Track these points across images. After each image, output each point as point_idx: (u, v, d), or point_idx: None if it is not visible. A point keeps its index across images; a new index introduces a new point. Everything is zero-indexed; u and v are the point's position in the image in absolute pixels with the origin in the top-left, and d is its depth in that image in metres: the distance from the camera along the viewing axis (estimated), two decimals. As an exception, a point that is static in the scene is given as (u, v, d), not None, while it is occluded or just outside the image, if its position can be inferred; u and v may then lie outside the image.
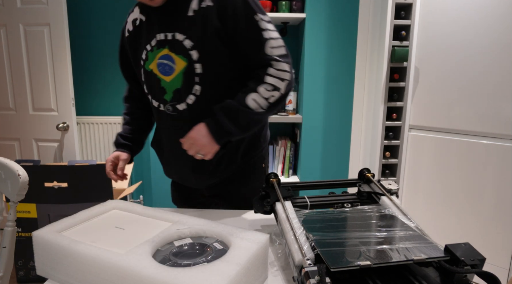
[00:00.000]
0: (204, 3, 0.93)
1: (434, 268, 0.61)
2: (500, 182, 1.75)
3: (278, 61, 0.92)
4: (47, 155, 2.36)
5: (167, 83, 0.99)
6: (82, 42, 2.52)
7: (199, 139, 0.92)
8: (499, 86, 1.72)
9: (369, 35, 2.23)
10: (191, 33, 0.93)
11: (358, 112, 2.35)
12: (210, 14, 0.92)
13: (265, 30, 0.92)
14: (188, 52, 0.94)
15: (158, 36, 0.97)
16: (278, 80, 0.92)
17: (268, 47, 0.92)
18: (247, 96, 0.91)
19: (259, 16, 0.92)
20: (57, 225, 0.73)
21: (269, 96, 0.92)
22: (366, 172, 0.96)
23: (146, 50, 1.00)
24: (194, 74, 0.96)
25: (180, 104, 1.00)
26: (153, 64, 0.99)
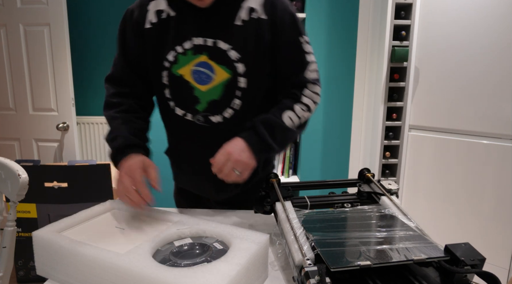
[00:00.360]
0: (255, 14, 0.87)
1: (434, 268, 0.61)
2: (500, 182, 1.75)
3: (314, 84, 0.93)
4: (47, 155, 2.36)
5: (202, 93, 0.92)
6: (82, 42, 2.52)
7: (237, 154, 0.82)
8: (499, 86, 1.72)
9: (369, 35, 2.23)
10: (238, 44, 0.87)
11: (358, 112, 2.35)
12: (262, 28, 0.87)
13: (308, 53, 0.92)
14: (233, 64, 0.88)
15: (196, 40, 0.88)
16: (311, 102, 0.92)
17: (308, 70, 0.92)
18: (283, 112, 0.89)
19: (304, 38, 0.91)
20: (57, 225, 0.73)
21: (302, 115, 0.90)
22: (366, 172, 0.96)
23: (175, 51, 0.90)
24: (237, 88, 0.91)
25: (214, 116, 0.94)
26: (185, 70, 0.91)
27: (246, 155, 0.83)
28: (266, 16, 0.87)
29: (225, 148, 0.83)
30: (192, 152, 1.01)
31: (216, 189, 1.01)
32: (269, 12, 0.87)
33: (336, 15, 2.25)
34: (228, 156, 0.82)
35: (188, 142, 1.00)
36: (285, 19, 0.88)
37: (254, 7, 0.87)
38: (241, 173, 0.83)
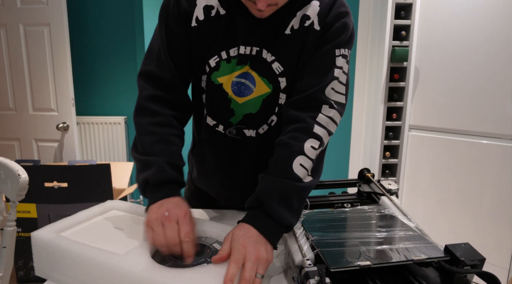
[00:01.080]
0: (308, 22, 0.76)
1: (434, 268, 0.61)
2: (500, 182, 1.75)
3: (332, 107, 0.75)
4: (47, 155, 2.36)
5: (238, 105, 0.83)
6: (82, 42, 2.52)
7: (254, 249, 0.61)
8: (499, 86, 1.72)
9: (369, 35, 2.23)
10: (284, 55, 0.78)
11: (358, 112, 2.35)
12: (311, 39, 0.76)
13: (339, 68, 0.76)
14: (277, 79, 0.79)
15: (243, 49, 0.78)
16: (325, 132, 0.75)
17: (329, 86, 0.75)
18: (294, 161, 0.70)
19: (343, 51, 0.77)
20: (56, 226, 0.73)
21: (315, 156, 0.73)
22: (366, 172, 0.96)
23: (219, 57, 0.79)
24: (276, 104, 0.82)
25: (248, 130, 0.85)
26: (226, 80, 0.81)
27: (261, 247, 0.63)
28: (320, 27, 0.76)
29: (238, 242, 0.62)
30: (217, 160, 0.93)
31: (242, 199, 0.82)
32: (323, 23, 0.76)
33: (336, 15, 2.25)
34: (245, 254, 0.61)
35: (215, 150, 0.92)
36: (334, 26, 0.76)
37: (309, 14, 0.76)
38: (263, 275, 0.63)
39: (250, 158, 0.89)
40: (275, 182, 0.69)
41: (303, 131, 0.74)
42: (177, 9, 0.78)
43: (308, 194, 0.75)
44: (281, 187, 0.68)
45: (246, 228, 0.65)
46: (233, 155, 0.90)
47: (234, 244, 0.62)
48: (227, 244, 0.63)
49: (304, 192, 0.71)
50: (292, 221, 0.68)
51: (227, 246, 0.63)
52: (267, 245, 0.64)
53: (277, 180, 0.69)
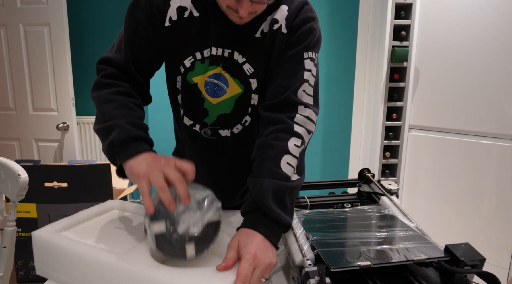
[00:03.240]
0: (276, 26, 0.80)
1: (434, 268, 0.61)
2: (500, 182, 1.75)
3: (307, 107, 0.79)
4: (47, 155, 2.36)
5: (211, 105, 0.86)
6: (82, 42, 2.52)
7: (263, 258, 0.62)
8: (499, 86, 1.72)
9: (369, 35, 2.23)
10: (254, 57, 0.81)
11: (358, 112, 2.35)
12: (279, 42, 0.80)
13: (308, 70, 0.80)
14: (248, 80, 0.83)
15: (214, 50, 0.81)
16: (304, 130, 0.77)
17: (301, 89, 0.79)
18: (280, 161, 0.72)
19: (311, 54, 0.81)
20: (56, 225, 0.73)
21: (299, 153, 0.75)
22: (366, 172, 0.96)
23: (194, 57, 0.82)
24: (249, 104, 0.85)
25: (224, 130, 0.89)
26: (200, 79, 0.84)
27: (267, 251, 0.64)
28: (287, 30, 0.80)
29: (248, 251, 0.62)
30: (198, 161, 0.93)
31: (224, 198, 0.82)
32: (290, 26, 0.80)
33: (336, 15, 2.25)
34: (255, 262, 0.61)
35: (194, 151, 0.95)
36: (300, 30, 0.80)
37: (278, 18, 0.80)
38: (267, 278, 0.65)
39: (227, 158, 0.92)
40: (268, 184, 0.69)
41: (284, 131, 0.76)
42: (149, 5, 0.79)
43: (297, 193, 0.76)
44: (274, 188, 0.69)
45: (251, 234, 0.65)
46: (210, 155, 0.93)
47: (244, 253, 0.61)
48: (232, 252, 0.62)
49: (294, 191, 0.72)
50: (290, 220, 0.69)
51: (233, 255, 0.62)
52: (273, 249, 0.65)
53: (269, 181, 0.69)
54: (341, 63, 2.31)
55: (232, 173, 0.96)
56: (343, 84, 2.33)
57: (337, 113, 2.37)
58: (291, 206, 0.71)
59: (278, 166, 0.71)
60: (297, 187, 0.73)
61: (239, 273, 0.58)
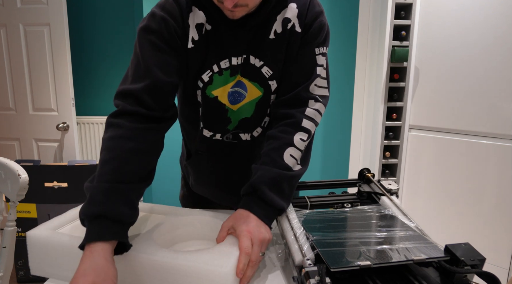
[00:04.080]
0: (289, 25, 0.79)
1: (434, 268, 0.61)
2: (500, 182, 1.75)
3: (317, 100, 0.82)
4: (47, 155, 2.36)
5: (233, 112, 0.86)
6: (82, 42, 2.52)
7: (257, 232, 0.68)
8: (499, 86, 1.72)
9: (369, 35, 2.23)
10: (271, 59, 0.81)
11: (358, 112, 2.35)
12: (294, 41, 0.80)
13: (320, 65, 0.83)
14: (267, 82, 0.83)
15: (234, 60, 0.80)
16: (312, 124, 0.80)
17: (313, 84, 0.82)
18: (284, 151, 0.76)
19: (322, 49, 0.83)
20: (50, 224, 0.73)
21: (304, 146, 0.79)
22: (366, 172, 0.96)
23: (211, 71, 0.80)
24: (268, 106, 0.86)
25: (244, 134, 0.89)
26: (220, 92, 0.83)
27: (261, 229, 0.69)
28: (301, 28, 0.80)
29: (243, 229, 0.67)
30: (214, 166, 0.96)
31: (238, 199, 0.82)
32: (303, 25, 0.80)
33: (336, 15, 2.25)
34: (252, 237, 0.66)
35: (211, 157, 0.95)
36: (313, 27, 0.80)
37: (290, 17, 0.80)
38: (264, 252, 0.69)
39: (245, 160, 0.92)
40: (268, 171, 0.74)
41: (292, 126, 0.80)
42: (163, 28, 0.74)
43: (298, 180, 0.81)
44: (272, 175, 0.74)
45: (245, 214, 0.71)
46: (229, 159, 0.93)
47: (240, 231, 0.67)
48: (224, 231, 0.70)
49: (294, 179, 0.77)
50: (284, 204, 0.74)
51: (224, 233, 0.69)
52: (265, 227, 0.71)
53: (269, 169, 0.74)
54: (341, 63, 2.31)
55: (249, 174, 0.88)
56: (343, 84, 2.33)
57: (337, 113, 2.37)
58: (290, 192, 0.76)
59: (281, 156, 0.76)
60: (297, 175, 0.78)
61: (240, 248, 0.64)
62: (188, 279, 0.58)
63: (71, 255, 0.65)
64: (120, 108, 0.71)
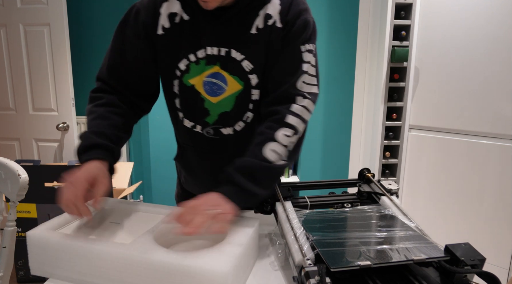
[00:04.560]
0: (271, 21, 0.81)
1: (434, 268, 0.61)
2: (500, 182, 1.75)
3: (305, 97, 0.81)
4: (47, 155, 2.36)
5: (212, 105, 0.87)
6: (82, 42, 2.52)
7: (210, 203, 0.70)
8: (499, 86, 1.72)
9: (369, 35, 2.23)
10: (252, 53, 0.82)
11: (358, 112, 2.35)
12: (275, 36, 0.81)
13: (307, 62, 0.82)
14: (247, 76, 0.84)
15: (210, 49, 0.82)
16: (299, 121, 0.80)
17: (300, 80, 0.81)
18: (265, 146, 0.76)
19: (306, 46, 0.82)
20: (49, 224, 0.73)
21: (289, 142, 0.79)
22: (366, 172, 0.96)
23: (188, 60, 0.84)
24: (250, 100, 0.87)
25: (226, 128, 0.90)
26: (197, 80, 0.85)
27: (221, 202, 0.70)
28: (282, 24, 0.81)
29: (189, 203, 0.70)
30: (201, 162, 0.98)
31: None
32: (285, 20, 0.81)
33: (336, 15, 2.25)
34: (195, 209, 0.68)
35: (197, 153, 0.96)
36: (296, 24, 0.81)
37: (271, 13, 0.81)
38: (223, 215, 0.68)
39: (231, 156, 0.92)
40: (244, 161, 0.76)
41: (277, 121, 0.79)
42: (135, 20, 0.84)
43: (281, 174, 0.81)
44: (248, 163, 0.75)
45: (211, 194, 0.72)
46: (215, 155, 0.94)
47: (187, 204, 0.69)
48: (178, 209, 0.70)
49: (273, 171, 0.77)
50: (257, 191, 0.74)
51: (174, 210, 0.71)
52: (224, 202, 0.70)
53: (246, 159, 0.76)
54: (341, 63, 2.31)
55: None
56: (343, 84, 2.33)
57: (337, 113, 2.37)
58: (268, 182, 0.78)
59: (260, 150, 0.76)
60: (278, 168, 0.77)
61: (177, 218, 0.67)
62: (187, 279, 0.58)
63: (71, 255, 0.65)
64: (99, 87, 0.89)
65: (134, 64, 0.86)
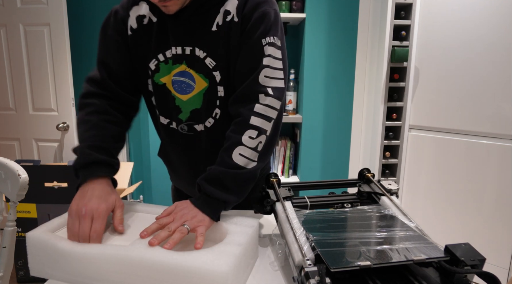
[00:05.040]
0: (229, 17, 0.82)
1: (434, 268, 0.61)
2: (500, 182, 1.75)
3: (268, 95, 0.80)
4: (47, 155, 2.36)
5: (183, 102, 0.90)
6: (82, 42, 2.52)
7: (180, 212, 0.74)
8: (499, 86, 1.72)
9: (369, 35, 2.23)
10: (214, 50, 0.84)
11: (358, 112, 2.35)
12: (233, 31, 0.82)
13: (268, 56, 0.80)
14: (211, 73, 0.85)
15: (174, 49, 0.85)
16: (263, 121, 0.79)
17: (262, 75, 0.80)
18: (233, 152, 0.78)
19: (269, 39, 0.80)
20: (49, 225, 0.72)
21: (256, 144, 0.79)
22: (366, 172, 0.96)
23: (157, 60, 0.87)
24: (216, 97, 0.88)
25: (198, 124, 0.92)
26: (167, 79, 0.88)
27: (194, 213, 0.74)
28: (238, 18, 0.81)
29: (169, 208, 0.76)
30: (180, 157, 1.00)
31: None
32: (241, 14, 0.81)
33: (336, 15, 2.25)
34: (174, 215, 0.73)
35: (175, 148, 0.99)
36: (253, 18, 0.80)
37: (229, 9, 0.82)
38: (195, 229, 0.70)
39: (205, 151, 0.95)
40: (213, 170, 0.78)
41: (240, 124, 0.80)
42: (114, 20, 0.89)
43: (254, 176, 0.81)
44: (216, 172, 0.77)
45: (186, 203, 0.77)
46: (190, 151, 0.97)
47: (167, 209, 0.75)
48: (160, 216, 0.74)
49: (243, 176, 0.78)
50: (228, 198, 0.77)
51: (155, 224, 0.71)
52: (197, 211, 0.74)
53: (215, 168, 0.78)
54: (341, 63, 2.31)
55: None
56: (343, 84, 2.33)
57: (337, 113, 2.37)
58: (238, 188, 0.79)
59: (230, 156, 0.78)
60: (248, 173, 0.79)
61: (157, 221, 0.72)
62: (187, 279, 0.58)
63: (71, 257, 0.65)
64: (88, 91, 0.88)
65: (120, 58, 0.89)
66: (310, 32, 2.25)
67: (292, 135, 2.64)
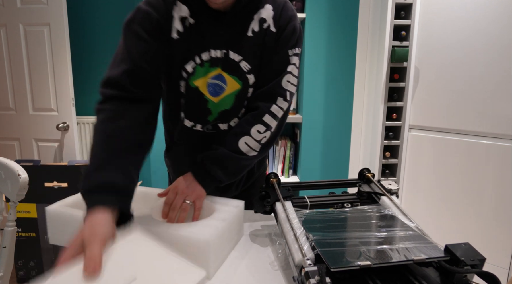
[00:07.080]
0: (265, 25, 0.88)
1: (434, 268, 0.61)
2: (500, 182, 1.75)
3: (285, 99, 0.90)
4: (47, 155, 2.36)
5: (214, 104, 0.93)
6: (82, 42, 2.52)
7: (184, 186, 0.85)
8: (499, 86, 1.72)
9: (369, 35, 2.23)
10: (249, 55, 0.89)
11: (358, 112, 2.35)
12: (270, 40, 0.88)
13: (292, 64, 0.90)
14: (245, 75, 0.90)
15: (213, 52, 0.87)
16: (273, 120, 0.90)
17: (285, 80, 0.90)
18: (240, 138, 0.88)
19: (293, 51, 0.90)
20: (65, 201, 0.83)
21: (261, 138, 0.89)
22: (366, 172, 0.96)
23: (194, 62, 0.87)
24: (246, 98, 0.93)
25: (223, 124, 0.96)
26: (201, 82, 0.90)
27: (194, 186, 0.85)
28: (275, 29, 0.88)
29: (174, 185, 0.86)
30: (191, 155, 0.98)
31: (218, 189, 0.97)
32: (278, 25, 0.88)
33: (336, 15, 2.25)
34: (176, 190, 0.84)
35: (192, 148, 0.99)
36: (287, 30, 0.89)
37: (265, 17, 0.88)
38: (194, 203, 0.84)
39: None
40: (217, 150, 0.88)
41: (254, 117, 0.90)
42: (148, 21, 0.81)
43: (250, 164, 0.93)
44: (219, 153, 0.87)
45: (186, 176, 0.87)
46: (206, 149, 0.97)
47: (171, 187, 0.85)
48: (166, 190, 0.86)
49: (243, 162, 0.89)
50: (223, 178, 0.88)
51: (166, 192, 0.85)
52: (199, 186, 0.85)
53: (221, 150, 0.87)
54: (341, 63, 2.31)
55: None
56: (343, 84, 2.33)
57: (337, 113, 2.37)
58: (236, 171, 0.90)
59: (236, 142, 0.88)
60: (248, 159, 0.90)
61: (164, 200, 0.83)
62: (178, 245, 0.69)
63: None
64: (104, 96, 0.78)
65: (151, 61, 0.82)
66: (310, 32, 2.25)
67: (292, 135, 2.64)
